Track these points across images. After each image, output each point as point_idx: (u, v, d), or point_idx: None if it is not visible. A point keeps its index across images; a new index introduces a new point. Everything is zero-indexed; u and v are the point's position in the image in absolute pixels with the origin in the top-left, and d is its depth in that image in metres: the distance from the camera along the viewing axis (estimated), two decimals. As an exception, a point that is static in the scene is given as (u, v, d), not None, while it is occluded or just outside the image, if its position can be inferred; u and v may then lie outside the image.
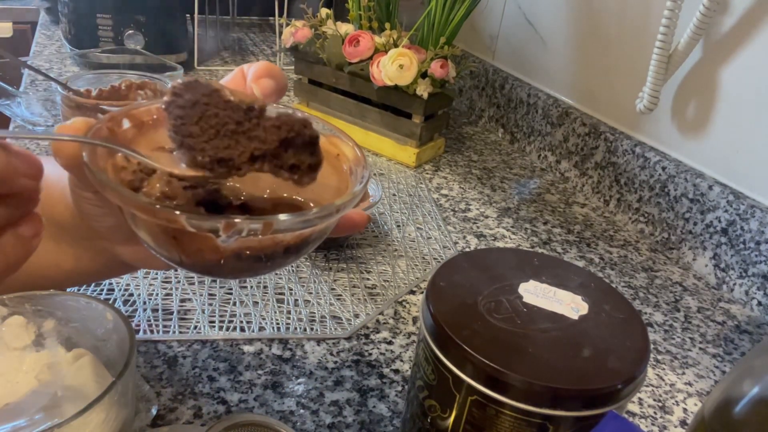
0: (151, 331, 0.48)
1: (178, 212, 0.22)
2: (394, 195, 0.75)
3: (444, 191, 0.79)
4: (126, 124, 0.28)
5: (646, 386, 0.49)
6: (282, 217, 0.23)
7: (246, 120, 0.24)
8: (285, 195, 0.28)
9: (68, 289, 0.51)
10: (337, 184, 0.29)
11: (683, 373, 0.51)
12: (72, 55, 1.06)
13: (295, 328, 0.50)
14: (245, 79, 0.32)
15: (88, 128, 0.26)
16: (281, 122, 0.24)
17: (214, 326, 0.49)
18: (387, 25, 0.82)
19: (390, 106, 0.84)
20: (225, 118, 0.24)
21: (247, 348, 0.47)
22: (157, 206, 0.23)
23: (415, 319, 0.53)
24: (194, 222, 0.22)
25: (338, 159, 0.30)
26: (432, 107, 0.82)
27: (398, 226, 0.68)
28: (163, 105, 0.25)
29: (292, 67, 0.96)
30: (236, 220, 0.22)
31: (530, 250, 0.61)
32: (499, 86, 1.00)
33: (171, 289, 0.53)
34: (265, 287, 0.55)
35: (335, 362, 0.47)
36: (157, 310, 0.50)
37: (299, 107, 0.93)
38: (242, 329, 0.49)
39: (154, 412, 0.40)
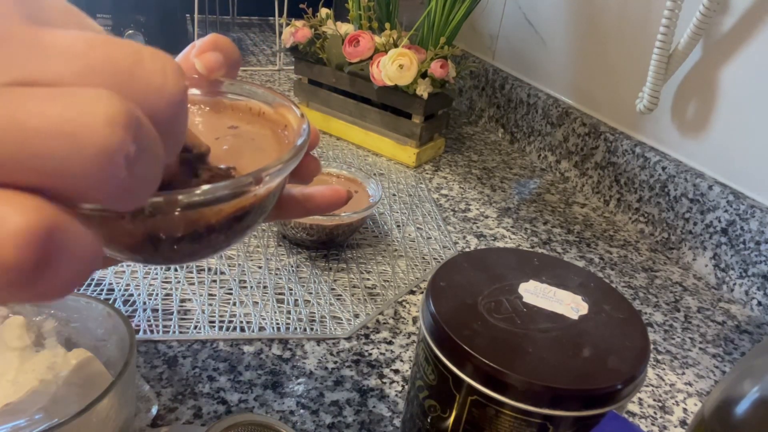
0: (151, 331, 0.48)
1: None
2: (394, 195, 0.75)
3: (444, 191, 0.79)
4: None
5: (646, 386, 0.49)
6: (191, 191, 0.20)
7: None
8: (219, 170, 0.25)
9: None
10: (278, 152, 0.27)
11: (683, 373, 0.51)
12: (72, 55, 1.05)
13: (295, 328, 0.50)
14: None
15: None
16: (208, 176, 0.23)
17: (214, 326, 0.49)
18: (387, 25, 0.82)
19: (390, 106, 0.84)
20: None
21: (247, 348, 0.47)
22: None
23: (415, 319, 0.53)
24: (89, 209, 0.19)
25: (286, 129, 0.28)
26: (432, 107, 0.83)
27: (398, 226, 0.68)
28: None
29: (292, 67, 0.96)
30: None
31: (530, 250, 0.61)
32: (499, 86, 1.00)
33: (171, 289, 0.53)
34: (265, 287, 0.55)
35: (335, 362, 0.47)
36: (157, 310, 0.50)
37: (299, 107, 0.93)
38: (242, 329, 0.49)
39: (154, 412, 0.40)
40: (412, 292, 0.57)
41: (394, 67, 0.76)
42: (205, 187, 0.21)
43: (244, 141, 0.28)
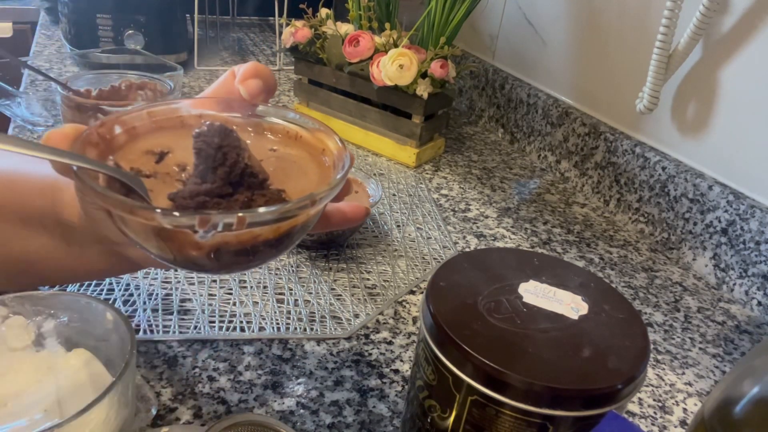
0: (151, 331, 0.48)
1: (153, 209, 0.23)
2: (394, 195, 0.75)
3: (444, 191, 0.79)
4: (117, 129, 0.29)
5: (646, 386, 0.49)
6: (256, 210, 0.24)
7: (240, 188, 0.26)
8: (272, 193, 0.28)
9: (68, 289, 0.51)
10: (319, 176, 0.29)
11: (683, 373, 0.51)
12: (72, 55, 1.06)
13: (295, 328, 0.50)
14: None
15: (78, 134, 0.26)
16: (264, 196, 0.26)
17: (214, 326, 0.49)
18: (387, 25, 0.82)
19: (390, 106, 0.84)
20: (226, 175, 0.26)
21: (247, 348, 0.47)
22: (135, 204, 0.23)
23: (415, 319, 0.53)
24: (169, 218, 0.23)
25: (324, 154, 0.30)
26: (432, 107, 0.83)
27: (398, 226, 0.68)
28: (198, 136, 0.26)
29: (292, 67, 0.96)
30: (210, 215, 0.23)
31: (530, 250, 0.61)
32: (499, 86, 1.00)
33: (171, 289, 0.53)
34: (265, 287, 0.55)
35: (335, 362, 0.47)
36: (157, 310, 0.50)
37: (299, 107, 0.93)
38: (242, 329, 0.49)
39: (154, 412, 0.40)
40: (412, 292, 0.57)
41: (394, 67, 0.76)
42: (271, 207, 0.24)
43: (287, 163, 0.30)
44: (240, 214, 0.23)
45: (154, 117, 0.30)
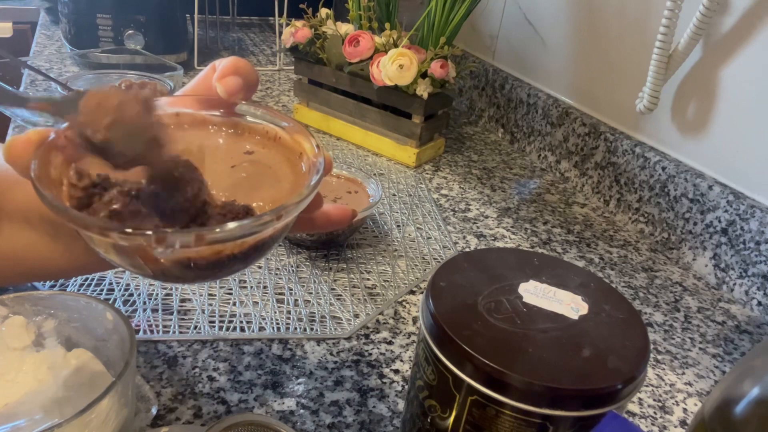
0: (151, 331, 0.48)
1: (108, 226, 0.22)
2: (394, 195, 0.75)
3: (444, 191, 0.79)
4: (87, 132, 0.28)
5: (646, 386, 0.49)
6: (214, 228, 0.23)
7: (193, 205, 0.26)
8: (238, 197, 0.28)
9: (68, 289, 0.51)
10: (293, 183, 0.29)
11: (683, 373, 0.51)
12: (72, 55, 1.06)
13: (295, 328, 0.50)
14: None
15: (42, 140, 0.26)
16: (226, 211, 0.26)
17: (214, 326, 0.49)
18: (387, 25, 0.82)
19: (390, 106, 0.84)
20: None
21: (247, 348, 0.47)
22: (89, 219, 0.23)
23: (415, 319, 0.53)
24: (124, 236, 0.22)
25: (300, 158, 0.30)
26: (432, 107, 0.83)
27: (398, 226, 0.68)
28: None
29: (292, 67, 0.96)
30: (165, 234, 0.22)
31: (530, 250, 0.61)
32: (499, 86, 1.00)
33: (171, 289, 0.53)
34: (265, 287, 0.55)
35: (335, 362, 0.47)
36: (157, 310, 0.50)
37: (299, 107, 0.93)
38: (242, 329, 0.49)
39: (154, 412, 0.40)
40: (412, 292, 0.57)
41: (394, 67, 0.76)
42: (231, 224, 0.23)
43: (261, 169, 0.29)
44: (198, 233, 0.22)
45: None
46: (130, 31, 1.02)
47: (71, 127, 0.26)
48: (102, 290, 0.52)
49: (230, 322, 0.50)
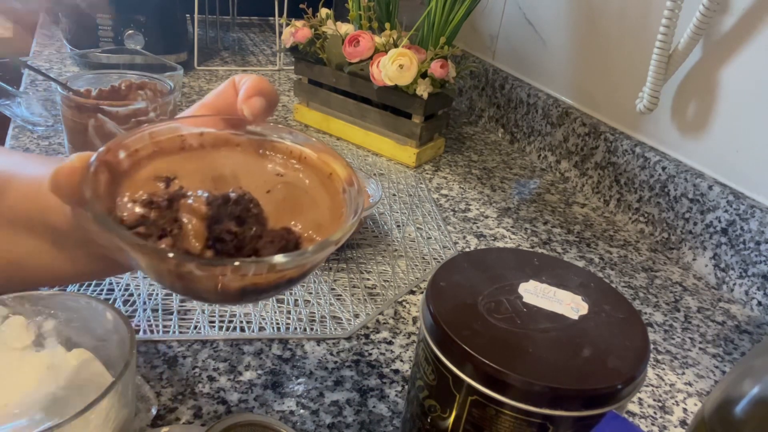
0: (151, 331, 0.48)
1: (189, 259, 0.24)
2: (394, 195, 0.75)
3: (444, 191, 0.79)
4: (122, 154, 0.29)
5: (646, 386, 0.49)
6: (283, 257, 0.25)
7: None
8: (282, 222, 0.28)
9: (68, 289, 0.51)
10: (330, 204, 0.29)
11: (683, 373, 0.51)
12: (72, 55, 1.06)
13: (295, 328, 0.50)
14: (236, 93, 0.32)
15: (85, 164, 0.26)
16: (272, 238, 0.27)
17: (214, 326, 0.49)
18: (387, 25, 0.82)
19: (390, 106, 0.84)
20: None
21: (247, 348, 0.47)
22: (169, 253, 0.24)
23: (415, 319, 0.53)
24: (204, 267, 0.24)
25: (331, 179, 0.30)
26: (432, 107, 0.82)
27: (398, 226, 0.68)
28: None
29: (292, 67, 0.96)
30: (242, 264, 0.23)
31: (530, 250, 0.61)
32: (499, 86, 1.00)
33: (171, 289, 0.53)
34: (265, 287, 0.55)
35: (335, 362, 0.47)
36: (157, 310, 0.50)
37: (299, 107, 0.93)
38: (242, 329, 0.49)
39: (154, 412, 0.40)
40: (412, 292, 0.57)
41: (394, 67, 0.76)
42: (296, 252, 0.26)
43: (296, 191, 0.30)
44: (271, 262, 0.24)
45: (155, 138, 0.30)
46: (130, 31, 1.02)
47: (109, 151, 0.28)
48: (102, 290, 0.52)
49: (230, 322, 0.50)
